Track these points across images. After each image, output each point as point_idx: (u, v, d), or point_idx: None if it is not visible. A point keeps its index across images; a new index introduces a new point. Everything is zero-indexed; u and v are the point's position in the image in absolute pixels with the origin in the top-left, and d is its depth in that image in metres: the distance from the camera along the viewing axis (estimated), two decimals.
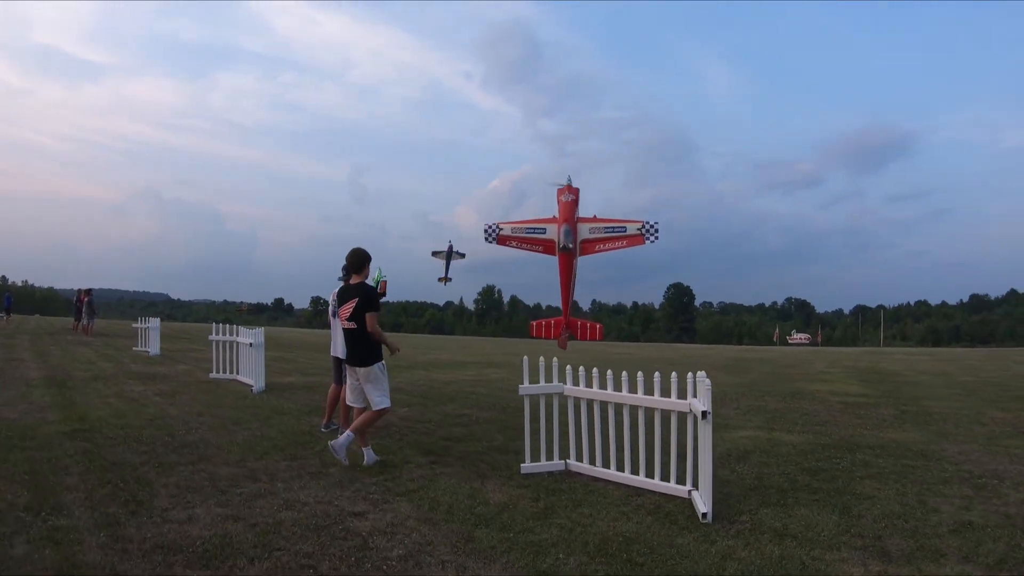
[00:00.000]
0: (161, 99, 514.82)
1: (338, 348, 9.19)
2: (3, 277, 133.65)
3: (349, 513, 5.72)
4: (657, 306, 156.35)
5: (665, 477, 6.60)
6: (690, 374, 6.28)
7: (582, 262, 9.27)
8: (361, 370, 7.46)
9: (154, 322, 21.81)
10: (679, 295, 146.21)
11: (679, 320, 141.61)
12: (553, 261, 9.25)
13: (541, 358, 7.38)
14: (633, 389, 6.85)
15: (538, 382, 7.38)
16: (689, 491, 6.31)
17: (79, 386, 12.80)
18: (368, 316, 7.35)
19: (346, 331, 7.51)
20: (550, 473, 7.20)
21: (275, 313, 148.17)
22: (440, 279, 27.94)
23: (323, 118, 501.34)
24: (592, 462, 7.19)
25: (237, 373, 14.60)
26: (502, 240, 9.40)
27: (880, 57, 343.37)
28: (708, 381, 5.91)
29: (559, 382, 7.38)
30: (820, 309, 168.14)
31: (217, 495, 6.12)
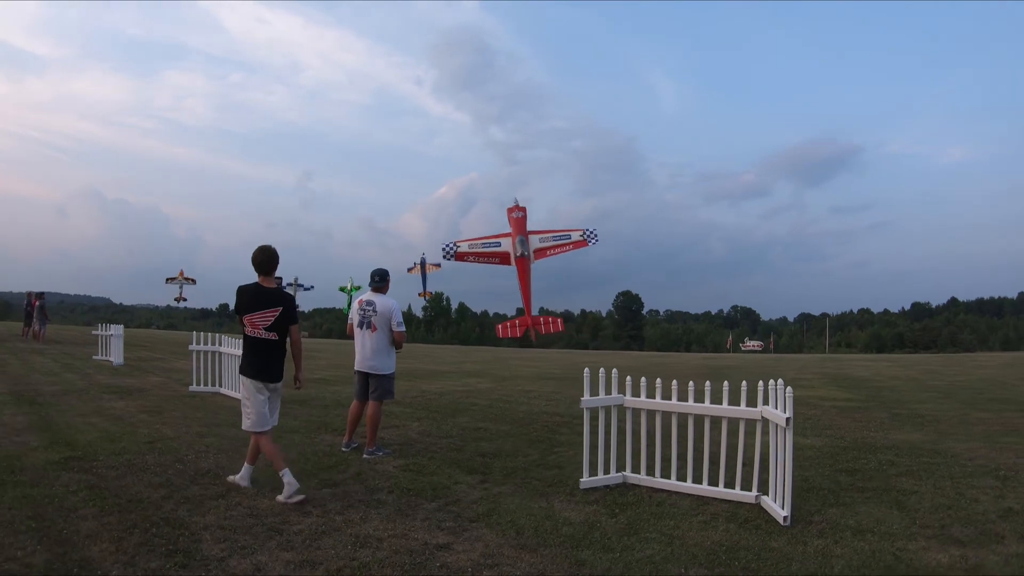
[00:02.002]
0: (106, 95, 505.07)
1: (361, 360, 8.38)
2: None
3: (434, 547, 5.06)
4: (604, 314, 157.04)
5: (730, 484, 6.49)
6: (761, 382, 6.34)
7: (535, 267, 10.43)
8: (277, 385, 6.65)
9: (117, 329, 20.22)
10: (628, 303, 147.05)
11: (628, 328, 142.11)
12: (506, 271, 10.34)
13: (601, 370, 7.08)
14: (699, 398, 6.71)
15: (597, 394, 7.06)
16: (756, 497, 6.28)
17: (52, 403, 11.45)
18: (293, 328, 6.63)
19: (266, 343, 6.48)
20: (608, 487, 6.86)
21: (220, 319, 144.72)
22: (420, 294, 27.62)
23: (271, 120, 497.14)
24: (652, 473, 6.93)
25: (220, 386, 13.48)
26: (460, 256, 10.33)
27: (826, 72, 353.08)
28: (790, 389, 5.87)
29: (618, 393, 7.08)
30: (765, 317, 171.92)
31: (272, 535, 5.20)
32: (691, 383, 6.84)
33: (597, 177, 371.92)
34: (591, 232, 10.38)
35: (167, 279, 19.84)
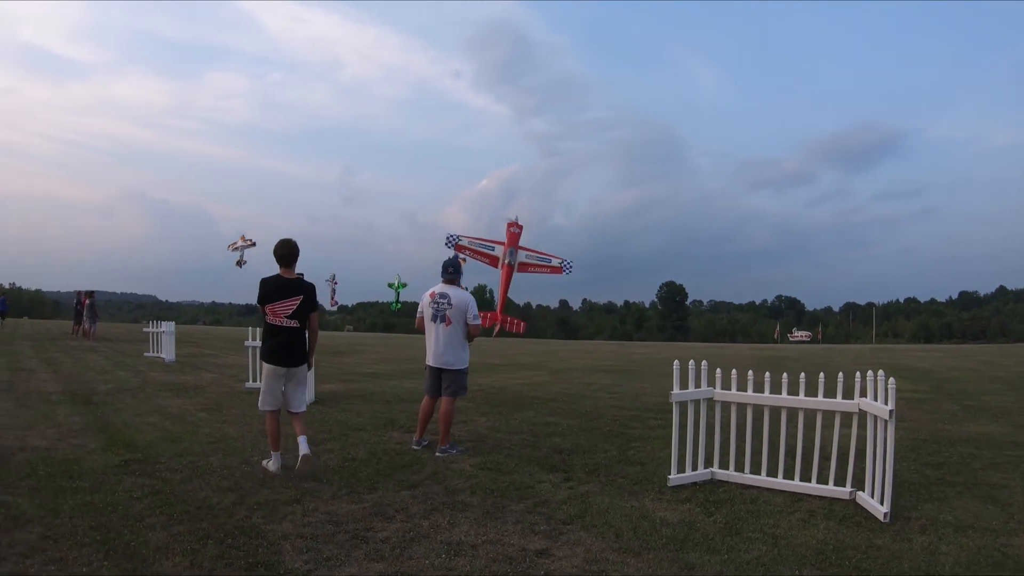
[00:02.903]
0: (147, 98, 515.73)
1: (434, 355, 7.95)
2: None
3: (533, 553, 4.69)
4: (647, 304, 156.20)
5: (823, 480, 6.25)
6: (858, 373, 6.10)
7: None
8: (298, 370, 6.97)
9: (168, 326, 20.10)
10: (672, 293, 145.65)
11: (672, 319, 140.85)
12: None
13: (691, 362, 6.69)
14: (793, 391, 6.47)
15: (687, 387, 6.69)
16: (851, 492, 6.07)
17: (107, 401, 11.07)
18: (313, 315, 6.99)
19: (287, 330, 6.80)
20: (695, 484, 6.55)
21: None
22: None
23: (312, 118, 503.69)
24: (741, 469, 6.69)
25: None
26: (459, 248, 11.69)
27: (870, 56, 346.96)
28: (893, 380, 5.66)
29: (708, 386, 6.77)
30: (810, 307, 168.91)
31: (358, 544, 4.75)
32: (784, 375, 6.57)
33: (638, 167, 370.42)
34: (568, 263, 12.13)
35: (229, 246, 19.66)
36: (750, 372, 6.62)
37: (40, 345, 24.98)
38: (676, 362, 6.70)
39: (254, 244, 18.01)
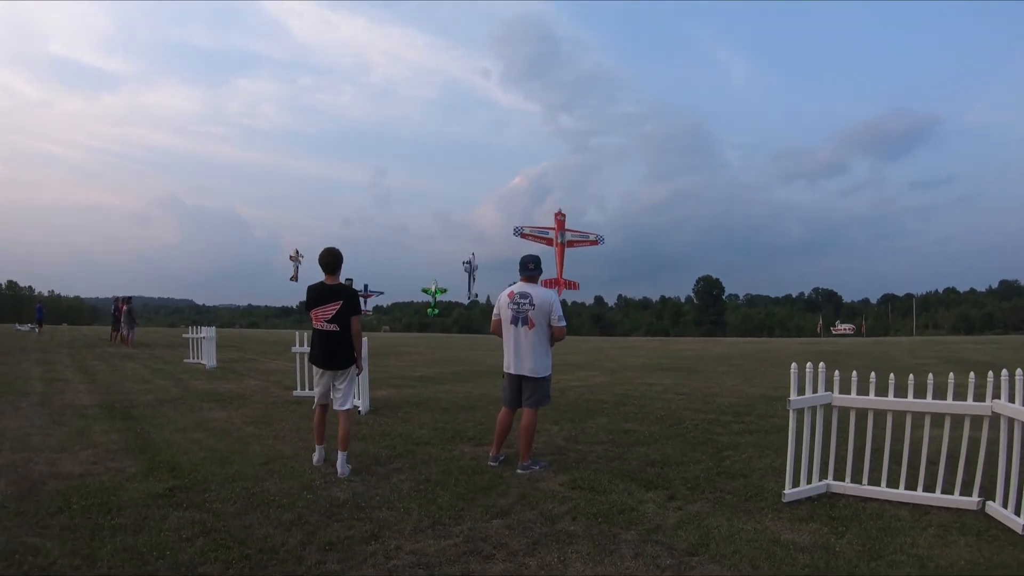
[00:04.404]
0: (179, 106, 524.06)
1: (514, 362, 7.11)
2: (29, 287, 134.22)
3: None
4: (683, 299, 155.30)
5: (947, 490, 5.77)
6: (990, 372, 5.59)
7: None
8: (341, 372, 7.19)
9: (208, 331, 19.41)
10: (708, 288, 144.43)
11: (709, 313, 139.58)
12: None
13: (809, 364, 6.19)
14: (920, 394, 5.95)
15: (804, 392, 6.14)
16: (978, 503, 5.61)
17: (147, 415, 10.20)
18: (354, 319, 7.13)
19: (327, 334, 7.05)
20: (811, 498, 5.97)
21: (301, 316, 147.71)
22: (473, 295, 28.81)
23: (342, 120, 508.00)
24: (858, 480, 6.15)
25: None
26: (524, 235, 14.97)
27: (901, 42, 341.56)
28: None
29: (826, 391, 6.21)
30: (847, 299, 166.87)
31: None
32: (911, 376, 5.94)
33: (670, 161, 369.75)
34: (601, 236, 15.84)
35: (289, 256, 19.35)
36: (872, 374, 6.05)
37: (77, 352, 24.48)
38: (793, 365, 6.11)
39: (301, 259, 18.13)
